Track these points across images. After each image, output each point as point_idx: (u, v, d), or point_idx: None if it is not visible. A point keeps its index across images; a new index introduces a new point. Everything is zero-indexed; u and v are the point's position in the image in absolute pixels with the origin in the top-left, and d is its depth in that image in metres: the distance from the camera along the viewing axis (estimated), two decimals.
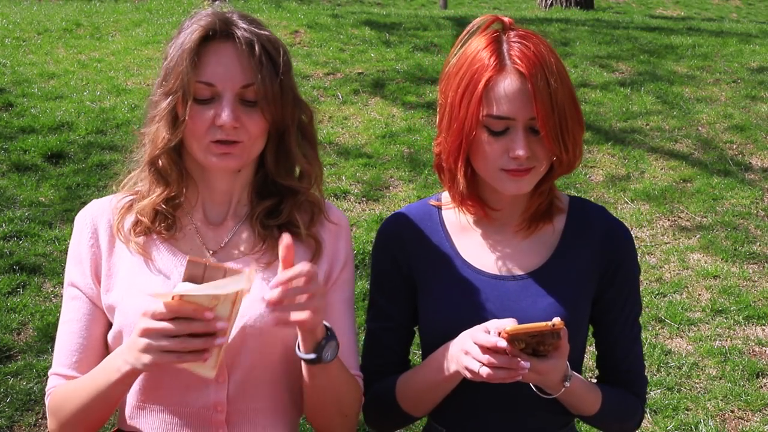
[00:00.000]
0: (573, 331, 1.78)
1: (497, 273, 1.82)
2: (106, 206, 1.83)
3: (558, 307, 1.78)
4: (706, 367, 4.24)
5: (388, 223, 1.91)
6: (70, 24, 9.12)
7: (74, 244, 1.83)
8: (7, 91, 7.02)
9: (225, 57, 1.70)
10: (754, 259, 5.18)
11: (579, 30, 9.42)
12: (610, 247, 1.83)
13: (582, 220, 1.85)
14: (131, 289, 1.75)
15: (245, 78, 1.70)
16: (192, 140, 1.73)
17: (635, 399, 1.88)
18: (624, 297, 1.85)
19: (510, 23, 1.77)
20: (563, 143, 1.70)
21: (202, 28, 1.70)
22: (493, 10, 15.17)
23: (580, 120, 1.75)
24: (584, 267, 1.81)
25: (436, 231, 1.87)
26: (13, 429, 3.69)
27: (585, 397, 1.77)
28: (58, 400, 1.76)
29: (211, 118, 1.69)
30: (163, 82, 1.72)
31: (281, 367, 1.78)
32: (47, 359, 4.01)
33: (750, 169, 6.30)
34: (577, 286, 1.81)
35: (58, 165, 5.88)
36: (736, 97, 7.44)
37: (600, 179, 6.10)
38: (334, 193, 5.72)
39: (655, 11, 17.78)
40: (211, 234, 1.80)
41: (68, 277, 1.83)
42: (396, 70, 7.77)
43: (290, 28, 8.97)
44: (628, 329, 1.86)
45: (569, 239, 1.83)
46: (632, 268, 1.87)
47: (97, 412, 1.72)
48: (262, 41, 1.72)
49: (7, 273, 4.64)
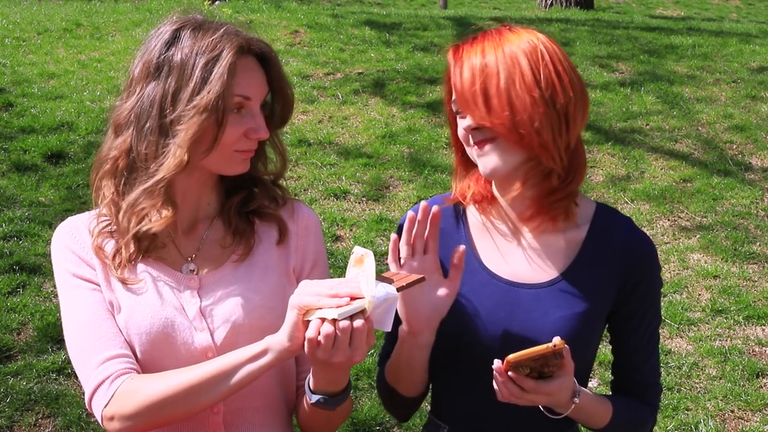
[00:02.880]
0: (582, 345, 1.77)
1: (512, 279, 1.80)
2: (83, 229, 1.79)
3: (570, 320, 1.75)
4: (706, 367, 4.24)
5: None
6: (70, 24, 9.12)
7: (63, 259, 1.77)
8: (7, 91, 7.02)
9: (253, 70, 1.73)
10: (754, 259, 5.18)
11: (579, 30, 9.43)
12: (631, 263, 1.79)
13: (605, 231, 1.82)
14: (136, 308, 1.73)
15: (266, 88, 1.76)
16: (197, 157, 1.71)
17: (647, 409, 1.86)
18: (644, 311, 1.82)
19: (505, 26, 1.79)
20: (511, 122, 1.68)
21: (237, 46, 1.70)
22: (493, 11, 15.17)
23: (558, 103, 1.71)
24: (602, 281, 1.78)
25: (458, 229, 1.87)
26: (13, 429, 3.69)
27: (595, 411, 1.76)
28: (138, 385, 1.65)
29: (243, 131, 1.71)
30: (194, 96, 1.66)
31: (275, 372, 1.78)
32: (47, 359, 4.01)
33: (750, 169, 6.30)
34: (592, 301, 1.77)
35: (58, 165, 5.88)
36: (737, 97, 7.45)
37: (600, 179, 6.10)
38: (334, 193, 5.72)
39: (655, 11, 17.79)
40: (186, 240, 1.80)
41: (65, 272, 1.76)
42: (396, 70, 7.78)
43: (290, 28, 8.97)
44: (645, 340, 1.84)
45: (589, 251, 1.80)
46: (654, 283, 1.83)
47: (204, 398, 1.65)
48: (270, 51, 1.77)
49: (7, 273, 4.64)
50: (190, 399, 1.62)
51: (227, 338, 1.72)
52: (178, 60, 1.68)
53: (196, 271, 1.78)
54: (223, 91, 1.65)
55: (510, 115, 1.68)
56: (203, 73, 1.66)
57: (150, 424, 1.66)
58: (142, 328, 1.70)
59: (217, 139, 1.68)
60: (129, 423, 1.64)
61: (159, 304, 1.72)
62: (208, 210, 1.83)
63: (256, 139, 1.73)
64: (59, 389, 3.85)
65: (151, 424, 1.66)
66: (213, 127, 1.66)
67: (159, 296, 1.73)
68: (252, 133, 1.71)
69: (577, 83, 1.74)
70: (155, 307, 1.72)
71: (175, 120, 1.66)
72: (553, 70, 1.70)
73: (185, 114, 1.65)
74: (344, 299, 1.52)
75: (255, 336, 1.70)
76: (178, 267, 1.78)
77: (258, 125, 1.72)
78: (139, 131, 1.70)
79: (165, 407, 1.63)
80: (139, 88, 1.71)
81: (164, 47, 1.70)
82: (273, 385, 1.81)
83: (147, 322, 1.71)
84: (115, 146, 1.74)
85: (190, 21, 1.74)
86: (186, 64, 1.67)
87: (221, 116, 1.66)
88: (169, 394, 1.63)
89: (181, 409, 1.64)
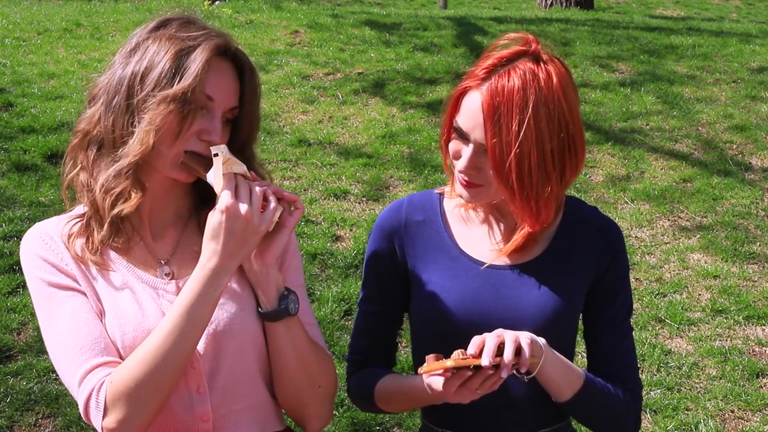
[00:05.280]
0: (566, 322, 1.82)
1: (493, 263, 1.83)
2: (55, 236, 1.77)
3: (552, 296, 1.79)
4: (706, 367, 4.24)
5: (390, 208, 1.94)
6: (70, 24, 9.12)
7: (35, 268, 1.77)
8: (7, 91, 7.02)
9: (226, 75, 1.72)
10: (754, 259, 5.18)
11: (579, 30, 9.42)
12: (604, 241, 1.85)
13: (577, 216, 1.88)
14: (118, 321, 1.71)
15: (235, 100, 1.74)
16: (164, 147, 1.69)
17: (626, 394, 1.83)
18: (614, 290, 1.85)
19: (534, 51, 1.74)
20: (522, 194, 1.70)
21: (214, 45, 1.70)
22: (493, 11, 15.16)
23: (564, 180, 1.75)
24: (579, 260, 1.83)
25: (435, 219, 1.90)
26: (13, 429, 3.69)
27: (564, 372, 1.73)
28: (122, 382, 1.63)
29: (197, 130, 1.69)
30: (162, 80, 1.67)
31: (257, 365, 1.79)
32: (47, 359, 4.00)
33: (750, 169, 6.30)
34: (572, 278, 1.82)
35: (58, 165, 5.87)
36: (737, 97, 7.45)
37: (600, 179, 6.10)
38: (334, 193, 5.72)
39: (655, 11, 17.78)
40: (158, 243, 1.79)
41: (39, 281, 1.75)
42: (396, 70, 7.77)
43: (290, 28, 8.97)
44: (618, 322, 1.85)
45: (565, 233, 1.86)
46: (625, 262, 1.88)
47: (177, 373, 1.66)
48: (251, 66, 1.76)
49: (7, 273, 4.64)
50: (170, 352, 1.62)
51: (210, 344, 1.72)
52: (154, 45, 1.70)
53: (171, 275, 1.77)
54: (194, 86, 1.65)
55: (535, 205, 1.73)
56: (174, 61, 1.67)
57: (151, 404, 1.63)
58: (126, 342, 1.69)
59: (181, 132, 1.67)
60: (134, 418, 1.63)
61: (140, 316, 1.71)
62: (180, 213, 1.82)
63: (207, 140, 1.70)
64: (59, 389, 3.85)
65: (154, 404, 1.64)
66: (177, 119, 1.66)
67: (139, 306, 1.72)
68: (204, 134, 1.69)
69: (580, 137, 1.77)
70: (137, 318, 1.71)
71: (141, 102, 1.67)
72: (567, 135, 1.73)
73: (151, 99, 1.66)
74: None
75: (237, 340, 1.73)
76: (152, 270, 1.77)
77: (213, 127, 1.70)
78: (107, 105, 1.71)
79: (153, 376, 1.62)
80: (115, 65, 1.73)
81: (147, 33, 1.73)
82: (259, 386, 1.81)
83: (130, 336, 1.69)
84: (85, 118, 1.75)
85: (182, 17, 1.75)
86: (160, 49, 1.68)
87: (187, 110, 1.66)
88: (148, 361, 1.62)
89: (168, 368, 1.62)
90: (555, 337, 1.75)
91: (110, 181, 1.70)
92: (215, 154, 1.66)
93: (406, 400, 1.86)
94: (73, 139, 1.77)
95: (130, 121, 1.68)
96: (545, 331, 1.74)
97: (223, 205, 1.63)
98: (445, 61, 7.99)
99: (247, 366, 1.78)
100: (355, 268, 4.86)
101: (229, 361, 1.75)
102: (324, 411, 1.87)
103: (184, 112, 1.66)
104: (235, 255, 1.66)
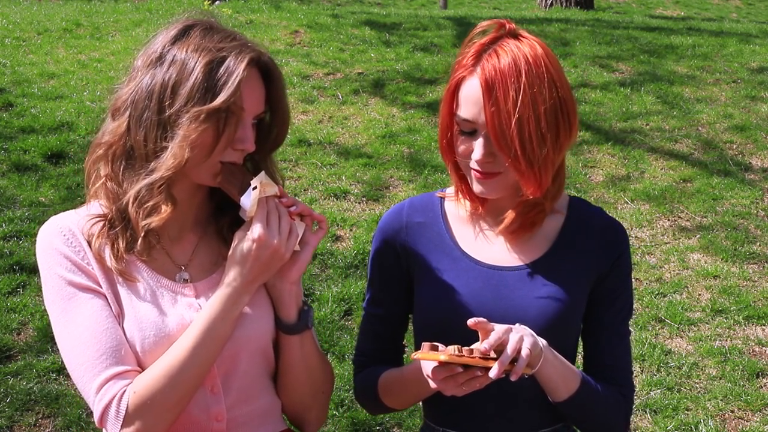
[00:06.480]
0: (568, 323, 1.81)
1: (495, 264, 1.84)
2: (76, 231, 1.72)
3: (554, 297, 1.79)
4: (706, 367, 4.24)
5: (391, 211, 1.94)
6: (70, 24, 9.12)
7: (56, 264, 1.70)
8: (7, 91, 7.02)
9: (254, 81, 1.70)
10: (754, 259, 5.18)
11: (579, 30, 9.43)
12: (609, 241, 1.85)
13: (581, 217, 1.88)
14: (136, 318, 1.71)
15: (263, 105, 1.73)
16: (198, 160, 1.68)
17: (619, 396, 1.84)
18: (616, 292, 1.86)
19: (511, 29, 1.78)
20: (525, 159, 1.70)
21: (249, 59, 1.67)
22: (493, 11, 15.17)
23: (559, 142, 1.75)
24: (583, 261, 1.83)
25: (436, 221, 1.90)
26: (13, 429, 3.69)
27: (562, 373, 1.73)
28: (144, 393, 1.64)
29: (230, 139, 1.68)
30: (198, 100, 1.63)
31: (266, 369, 1.82)
32: (47, 359, 4.01)
33: (750, 169, 6.30)
34: (574, 279, 1.82)
35: (58, 165, 5.88)
36: (736, 97, 7.45)
37: (600, 179, 6.10)
38: (334, 193, 5.72)
39: (655, 11, 17.79)
40: (177, 248, 1.79)
41: (59, 279, 1.70)
42: (396, 70, 7.78)
43: (290, 28, 8.98)
44: (617, 324, 1.86)
45: (568, 234, 1.86)
46: (627, 264, 1.88)
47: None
48: (279, 73, 1.75)
49: (7, 273, 4.64)
50: (191, 366, 1.65)
51: (228, 350, 1.73)
52: (182, 54, 1.66)
53: (189, 279, 1.77)
54: (231, 102, 1.63)
55: (538, 173, 1.72)
56: (206, 73, 1.63)
57: (171, 414, 1.66)
58: (146, 347, 1.69)
59: (216, 146, 1.66)
60: (154, 428, 1.65)
61: (161, 321, 1.71)
62: (200, 218, 1.82)
63: (241, 149, 1.69)
64: (59, 389, 3.85)
65: (173, 414, 1.66)
66: (213, 135, 1.64)
67: (159, 312, 1.71)
68: (238, 143, 1.68)
69: (572, 101, 1.78)
70: (157, 323, 1.70)
71: (174, 117, 1.64)
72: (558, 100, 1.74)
73: (185, 114, 1.63)
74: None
75: (253, 344, 1.75)
76: (170, 274, 1.76)
77: (245, 136, 1.69)
78: (137, 119, 1.67)
79: (174, 388, 1.64)
80: (139, 75, 1.68)
81: (170, 41, 1.69)
82: (268, 387, 1.84)
83: (150, 341, 1.69)
84: (110, 131, 1.71)
85: (202, 22, 1.72)
86: (189, 59, 1.65)
87: (222, 126, 1.64)
88: (170, 374, 1.64)
89: (188, 381, 1.65)
90: (556, 338, 1.75)
91: (143, 194, 1.67)
92: (254, 187, 1.68)
93: (406, 389, 1.84)
94: (97, 150, 1.72)
95: (163, 136, 1.65)
96: (547, 331, 1.73)
97: (255, 234, 1.66)
98: (445, 61, 7.99)
99: (259, 369, 1.80)
100: (355, 268, 4.86)
101: (244, 365, 1.76)
102: (324, 413, 1.92)
103: (219, 128, 1.64)
104: (258, 279, 1.71)
